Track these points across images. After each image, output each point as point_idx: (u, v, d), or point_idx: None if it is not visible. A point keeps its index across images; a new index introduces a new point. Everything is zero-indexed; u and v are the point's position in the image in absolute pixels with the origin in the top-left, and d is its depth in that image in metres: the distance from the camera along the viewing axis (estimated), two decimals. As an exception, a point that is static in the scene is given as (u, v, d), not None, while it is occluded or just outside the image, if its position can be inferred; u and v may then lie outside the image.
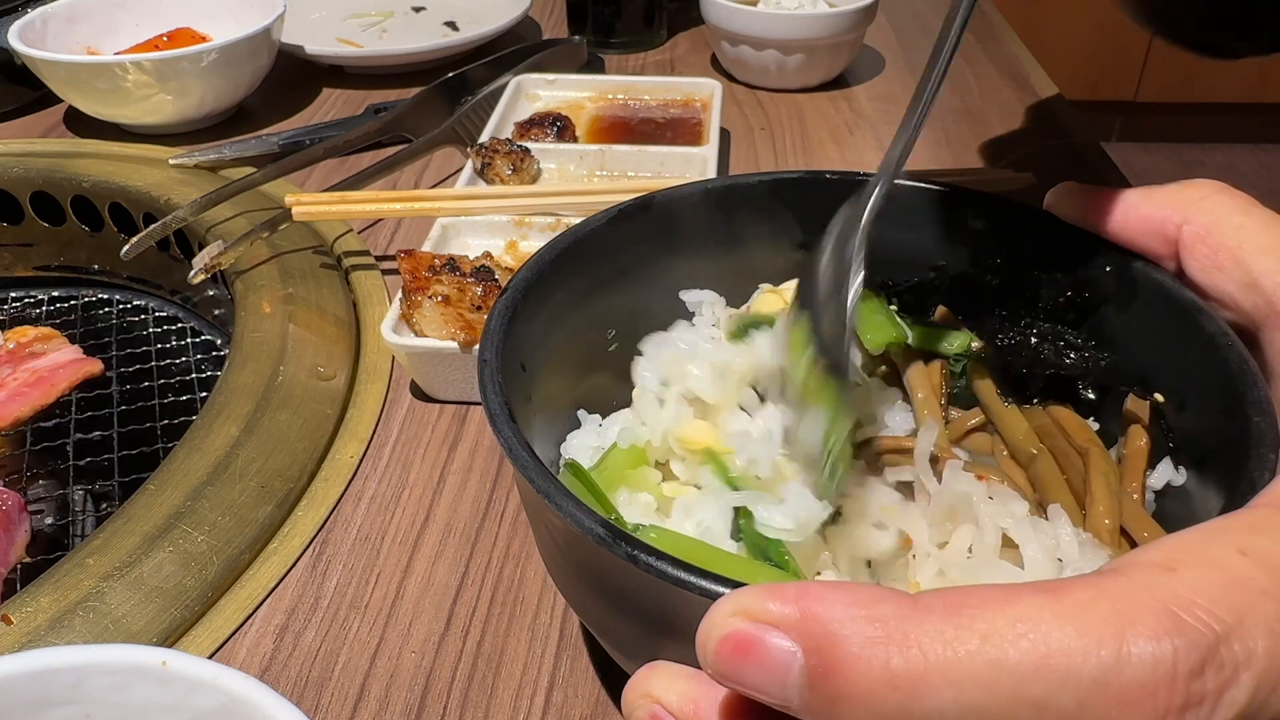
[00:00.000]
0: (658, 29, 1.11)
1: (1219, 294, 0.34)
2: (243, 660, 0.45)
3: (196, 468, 0.52)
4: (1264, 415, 0.30)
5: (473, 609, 0.47)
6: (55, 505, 0.62)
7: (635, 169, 0.77)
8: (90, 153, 0.86)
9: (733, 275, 0.45)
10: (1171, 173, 2.83)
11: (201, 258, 0.66)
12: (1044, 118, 0.94)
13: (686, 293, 0.44)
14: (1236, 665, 0.20)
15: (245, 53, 0.88)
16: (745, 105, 0.97)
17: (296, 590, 0.48)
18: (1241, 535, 0.23)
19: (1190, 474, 0.33)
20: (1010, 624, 0.20)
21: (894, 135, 0.36)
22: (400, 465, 0.55)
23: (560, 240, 0.40)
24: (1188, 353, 0.34)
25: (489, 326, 0.36)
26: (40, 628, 0.44)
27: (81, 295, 0.82)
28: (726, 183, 0.43)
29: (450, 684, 0.43)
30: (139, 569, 0.46)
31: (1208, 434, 0.33)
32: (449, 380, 0.58)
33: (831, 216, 0.43)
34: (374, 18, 1.14)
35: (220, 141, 0.87)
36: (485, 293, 0.57)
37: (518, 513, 0.52)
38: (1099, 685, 0.20)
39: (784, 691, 0.21)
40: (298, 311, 0.64)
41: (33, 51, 0.85)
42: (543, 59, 0.95)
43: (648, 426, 0.39)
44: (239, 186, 0.73)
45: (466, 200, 0.68)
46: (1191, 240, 0.34)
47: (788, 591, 0.22)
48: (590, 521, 0.28)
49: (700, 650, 0.23)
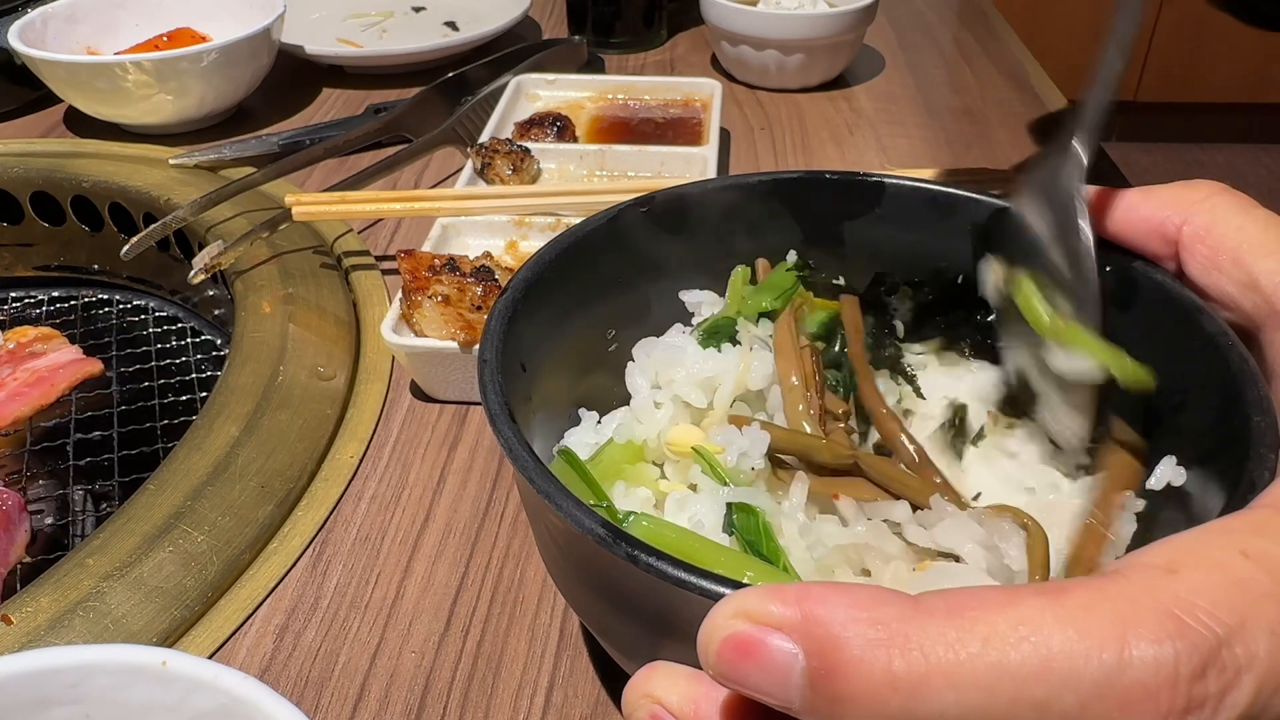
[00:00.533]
0: (658, 29, 1.11)
1: (1219, 294, 0.34)
2: (243, 660, 0.45)
3: (196, 468, 0.52)
4: (1264, 415, 0.30)
5: (473, 609, 0.47)
6: (55, 505, 0.62)
7: (635, 169, 0.77)
8: (90, 153, 0.86)
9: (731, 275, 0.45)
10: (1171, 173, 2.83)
11: (201, 258, 0.66)
12: (1044, 118, 0.94)
13: (686, 293, 0.44)
14: (1238, 668, 0.20)
15: (245, 53, 0.88)
16: (745, 105, 0.97)
17: (296, 590, 0.48)
18: (1243, 537, 0.23)
19: (1190, 474, 0.33)
20: (1012, 626, 0.20)
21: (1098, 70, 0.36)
22: (400, 465, 0.55)
23: (560, 240, 0.40)
24: (1188, 352, 0.34)
25: (489, 326, 0.36)
26: (40, 628, 0.44)
27: (81, 295, 0.82)
28: (726, 183, 0.43)
29: (450, 684, 0.43)
30: (139, 569, 0.46)
31: (1208, 434, 0.33)
32: (449, 380, 0.58)
33: (832, 217, 0.44)
34: (374, 18, 1.14)
35: (220, 141, 0.87)
36: (485, 293, 0.57)
37: (518, 513, 0.52)
38: (1101, 688, 0.20)
39: (785, 693, 0.21)
40: (298, 311, 0.64)
41: (33, 51, 0.85)
42: (543, 59, 0.95)
43: (644, 425, 0.39)
44: (239, 186, 0.73)
45: (466, 200, 0.68)
46: (1191, 240, 0.34)
47: (789, 593, 0.22)
48: (590, 521, 0.28)
49: (702, 651, 0.23)
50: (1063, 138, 0.36)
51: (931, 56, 1.08)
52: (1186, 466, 0.33)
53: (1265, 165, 2.91)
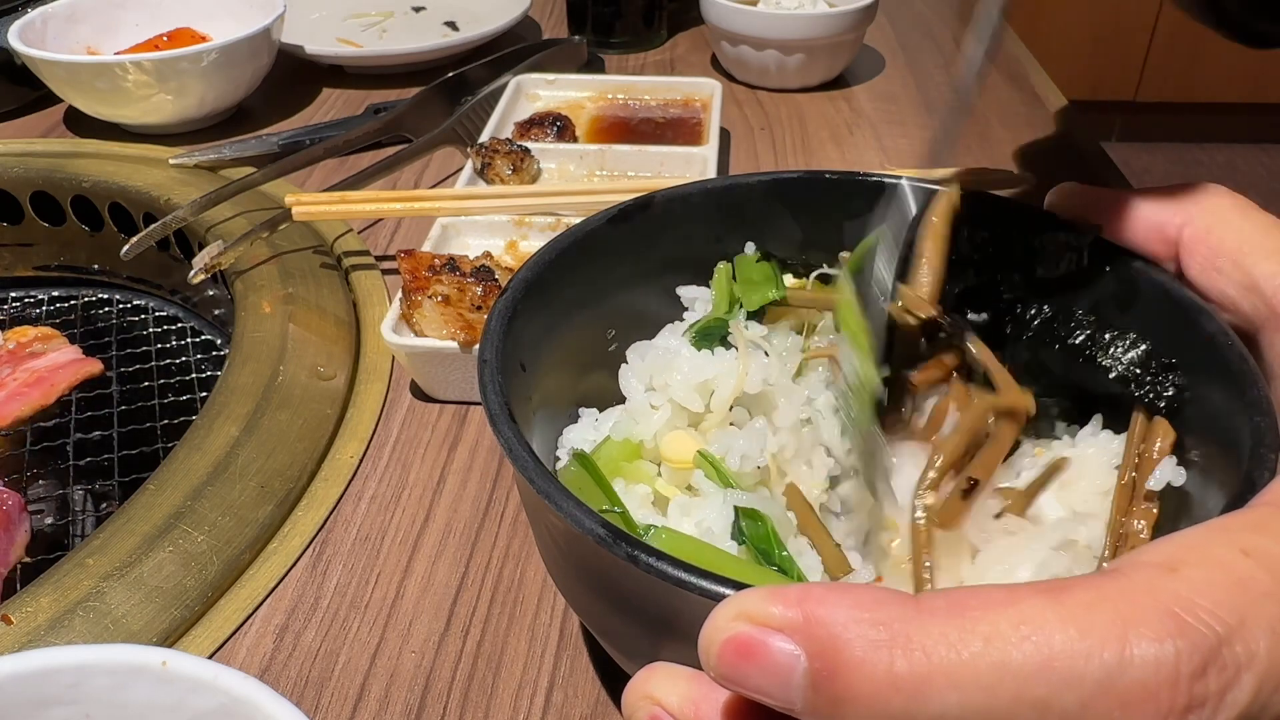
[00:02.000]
0: (658, 29, 1.11)
1: (1218, 296, 0.34)
2: (243, 660, 0.45)
3: (196, 468, 0.52)
4: (1264, 415, 0.30)
5: (473, 609, 0.47)
6: (55, 505, 0.62)
7: (635, 169, 0.77)
8: (90, 153, 0.86)
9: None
10: (1171, 173, 2.83)
11: (201, 258, 0.66)
12: (1043, 117, 0.94)
13: (684, 289, 0.44)
14: (1238, 666, 0.20)
15: (245, 53, 0.88)
16: (745, 105, 0.97)
17: (296, 590, 0.48)
18: (1244, 535, 0.23)
19: (1190, 473, 0.33)
20: (1013, 626, 0.20)
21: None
22: (400, 465, 0.55)
23: (560, 240, 0.40)
24: (1188, 352, 0.34)
25: (489, 326, 0.36)
26: (40, 628, 0.44)
27: (81, 295, 0.82)
28: (727, 183, 0.43)
29: (450, 684, 0.43)
30: (139, 569, 0.46)
31: (1207, 434, 0.33)
32: (449, 380, 0.58)
33: (832, 217, 0.44)
34: (374, 18, 1.14)
35: (220, 141, 0.87)
36: (485, 293, 0.57)
37: (518, 513, 0.52)
38: (1102, 687, 0.20)
39: (787, 694, 0.21)
40: (298, 311, 0.64)
41: (33, 51, 0.85)
42: (543, 59, 0.95)
43: (640, 425, 0.39)
44: (239, 186, 0.73)
45: (466, 200, 0.68)
46: (1191, 242, 0.34)
47: (790, 594, 0.22)
48: (590, 522, 0.28)
49: (703, 653, 0.23)
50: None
51: (931, 56, 1.08)
52: (1186, 466, 0.33)
53: (1265, 165, 2.91)
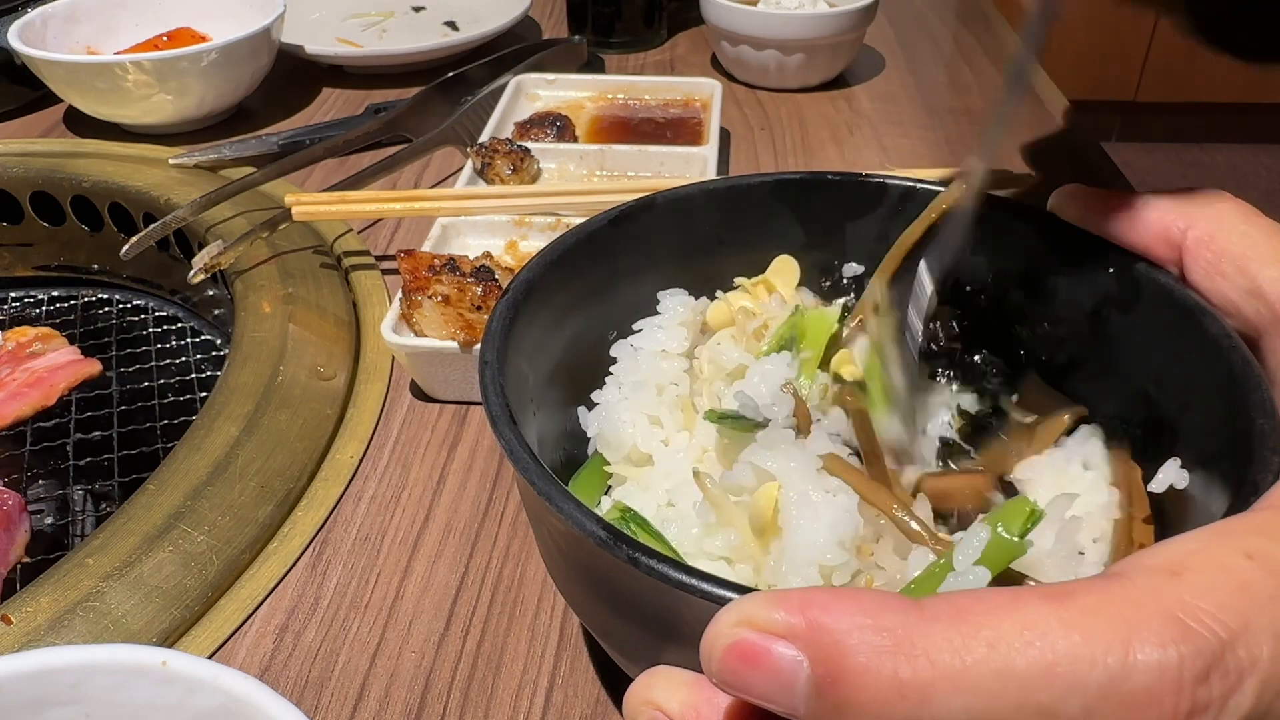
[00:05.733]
0: (658, 29, 1.11)
1: (1221, 300, 0.34)
2: (243, 660, 0.45)
3: (196, 468, 0.51)
4: (1267, 418, 0.30)
5: (473, 609, 0.47)
6: (55, 505, 0.62)
7: (635, 169, 0.77)
8: (90, 153, 0.86)
9: (733, 276, 0.44)
10: (1171, 173, 2.83)
11: (201, 258, 0.66)
12: (1043, 117, 0.94)
13: (663, 293, 0.43)
14: (1242, 671, 0.20)
15: (245, 53, 0.88)
16: (745, 105, 0.97)
17: (296, 590, 0.48)
18: (1247, 538, 0.23)
19: (1193, 477, 0.33)
20: (1017, 631, 0.20)
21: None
22: (400, 465, 0.55)
23: (561, 241, 0.40)
24: (1191, 355, 0.34)
25: (490, 327, 0.36)
26: (40, 628, 0.44)
27: (81, 295, 0.82)
28: (727, 183, 0.43)
29: (450, 684, 0.43)
30: (139, 569, 0.46)
31: (1211, 436, 0.33)
32: (449, 380, 0.58)
33: (832, 217, 0.43)
34: (374, 18, 1.14)
35: (220, 141, 0.87)
36: (485, 293, 0.57)
37: (518, 513, 0.52)
38: (1105, 692, 0.20)
39: (791, 700, 0.21)
40: (298, 311, 0.64)
41: (33, 51, 0.85)
42: (543, 59, 0.95)
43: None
44: (239, 186, 0.73)
45: (466, 200, 0.68)
46: (1195, 246, 0.34)
47: (793, 600, 0.22)
48: (591, 524, 0.28)
49: (705, 658, 0.22)
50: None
51: (931, 56, 1.08)
52: (1190, 469, 0.33)
53: (1265, 165, 2.91)
